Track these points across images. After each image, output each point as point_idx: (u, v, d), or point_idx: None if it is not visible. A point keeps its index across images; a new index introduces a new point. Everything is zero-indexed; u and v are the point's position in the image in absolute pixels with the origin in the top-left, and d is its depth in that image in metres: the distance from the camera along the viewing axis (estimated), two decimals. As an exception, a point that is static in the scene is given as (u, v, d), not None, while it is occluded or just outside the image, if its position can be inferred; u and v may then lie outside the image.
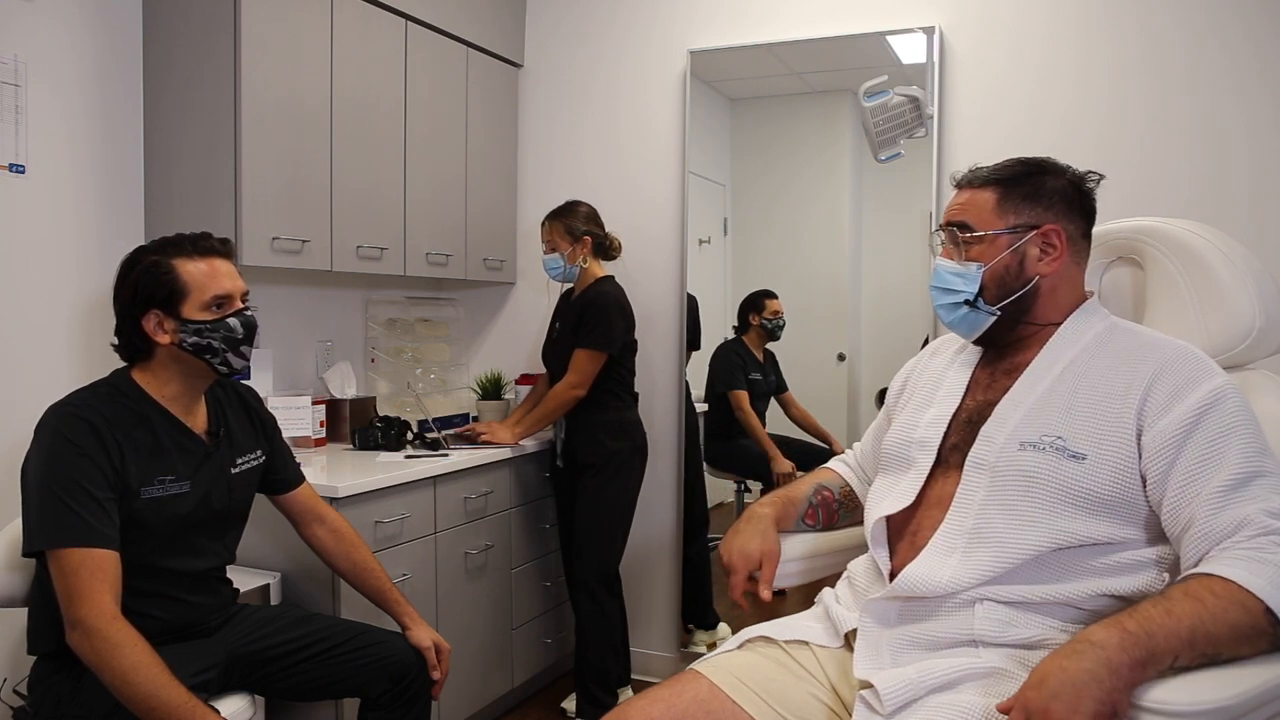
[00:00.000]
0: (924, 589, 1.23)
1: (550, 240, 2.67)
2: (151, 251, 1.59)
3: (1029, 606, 1.21)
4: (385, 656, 1.76)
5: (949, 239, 1.39)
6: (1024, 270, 1.34)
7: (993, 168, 1.39)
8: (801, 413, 3.01)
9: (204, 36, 2.19)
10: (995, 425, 1.30)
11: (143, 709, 1.40)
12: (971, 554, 1.24)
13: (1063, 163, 1.39)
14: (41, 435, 1.49)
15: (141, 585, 1.53)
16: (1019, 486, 1.24)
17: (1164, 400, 1.21)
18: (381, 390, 3.02)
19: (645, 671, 2.98)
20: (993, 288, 1.34)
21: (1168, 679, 1.03)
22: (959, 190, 1.41)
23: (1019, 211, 1.34)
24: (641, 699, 1.31)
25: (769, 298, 2.99)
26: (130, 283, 1.57)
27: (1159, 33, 2.40)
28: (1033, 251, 1.34)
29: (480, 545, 2.56)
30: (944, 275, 1.37)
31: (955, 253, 1.37)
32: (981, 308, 1.35)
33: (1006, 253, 1.33)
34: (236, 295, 1.62)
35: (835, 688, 1.31)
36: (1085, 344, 1.32)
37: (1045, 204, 1.34)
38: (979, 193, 1.37)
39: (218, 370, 1.61)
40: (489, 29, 2.99)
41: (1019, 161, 1.38)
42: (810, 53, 2.80)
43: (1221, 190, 2.34)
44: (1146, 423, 1.21)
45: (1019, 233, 1.33)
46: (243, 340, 1.62)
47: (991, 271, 1.34)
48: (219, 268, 1.61)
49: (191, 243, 1.60)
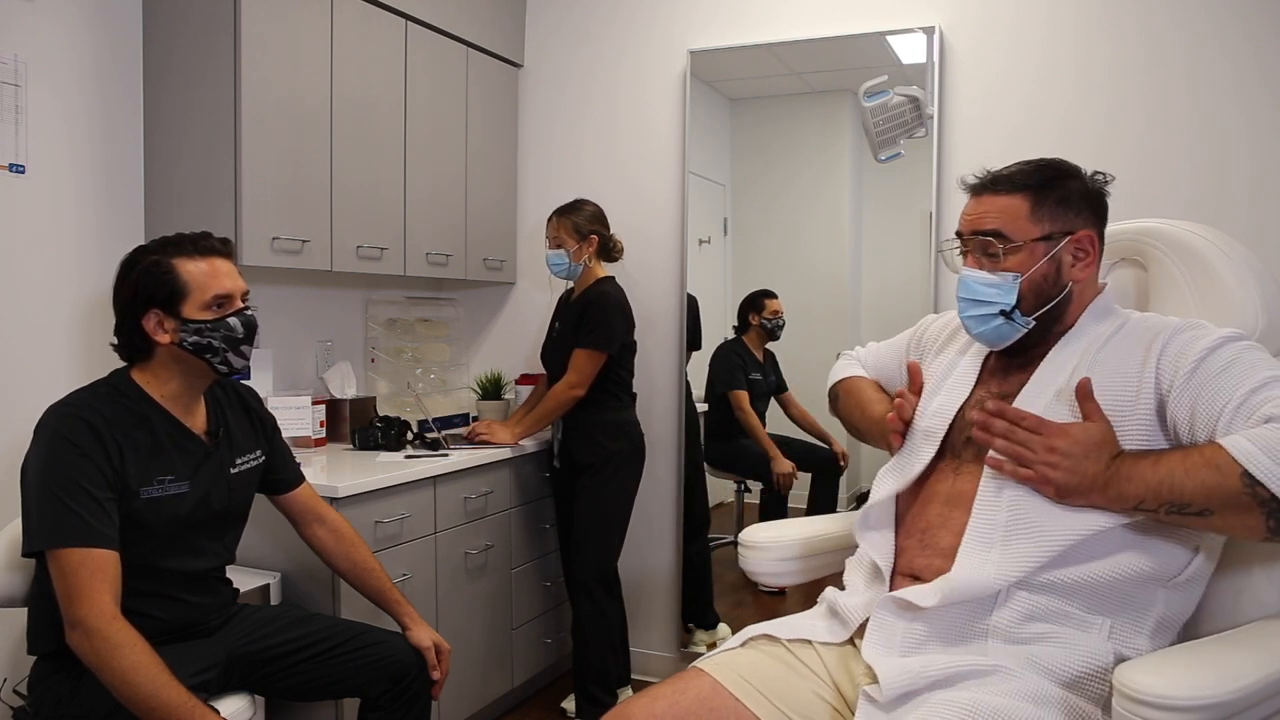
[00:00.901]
0: (974, 591, 1.21)
1: (556, 236, 2.67)
2: (151, 251, 1.59)
3: (1058, 592, 1.20)
4: (385, 657, 1.76)
5: (980, 249, 1.33)
6: (1060, 278, 1.31)
7: (1014, 171, 1.34)
8: (801, 412, 3.01)
9: (204, 36, 2.19)
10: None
11: (142, 709, 1.40)
12: (1010, 547, 1.22)
13: (1071, 163, 1.37)
14: (41, 435, 1.49)
15: (141, 585, 1.53)
16: None
17: (1176, 354, 1.22)
18: (381, 390, 3.02)
19: (645, 671, 2.98)
20: (1030, 297, 1.31)
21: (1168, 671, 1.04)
22: (977, 197, 1.36)
23: (1054, 218, 1.30)
24: (644, 696, 1.31)
25: (769, 298, 2.99)
26: (130, 282, 1.57)
27: (1159, 33, 2.40)
28: (1067, 258, 1.31)
29: (480, 545, 2.56)
30: (975, 287, 1.32)
31: (988, 263, 1.32)
32: (1017, 319, 1.31)
33: (1044, 261, 1.30)
34: (237, 295, 1.62)
35: (838, 686, 1.31)
36: (1097, 334, 1.32)
37: (1075, 209, 1.31)
38: (1009, 199, 1.31)
39: (217, 370, 1.61)
40: (489, 29, 2.99)
41: (1041, 165, 1.34)
42: (810, 53, 2.80)
43: (1222, 190, 2.34)
44: (1164, 386, 1.21)
45: (1055, 240, 1.30)
46: (243, 340, 1.62)
47: (1030, 280, 1.30)
48: (219, 267, 1.61)
49: (192, 242, 1.60)
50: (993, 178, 1.35)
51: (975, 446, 1.32)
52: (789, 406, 3.02)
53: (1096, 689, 1.18)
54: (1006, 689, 1.15)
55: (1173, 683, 1.02)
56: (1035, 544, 1.21)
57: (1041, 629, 1.20)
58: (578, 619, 2.63)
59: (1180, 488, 1.12)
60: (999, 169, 1.36)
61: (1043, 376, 1.31)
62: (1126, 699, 1.03)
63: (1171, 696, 1.00)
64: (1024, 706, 1.13)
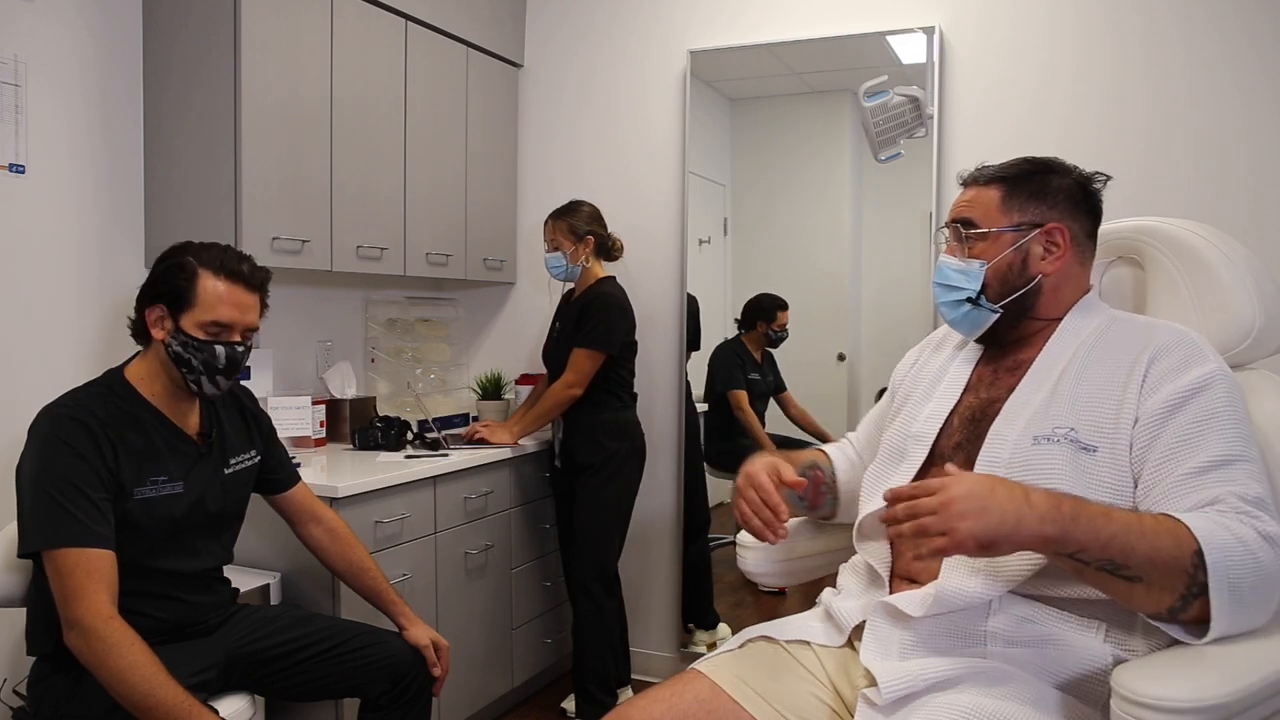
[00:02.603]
0: (961, 601, 1.21)
1: (553, 239, 2.67)
2: (190, 251, 1.59)
3: (1050, 602, 1.20)
4: (385, 657, 1.76)
5: (953, 235, 1.39)
6: (1027, 268, 1.34)
7: (999, 166, 1.39)
8: (800, 412, 3.00)
9: (204, 36, 2.19)
10: (1006, 423, 1.29)
11: (140, 708, 1.40)
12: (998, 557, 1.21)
13: (1070, 163, 1.39)
14: (35, 436, 1.49)
15: (139, 585, 1.53)
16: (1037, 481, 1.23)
17: (1155, 382, 1.20)
18: (381, 390, 3.02)
19: (645, 671, 2.98)
20: (995, 285, 1.34)
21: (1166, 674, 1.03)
22: (965, 188, 1.41)
23: (1024, 209, 1.34)
24: (642, 699, 1.31)
25: (782, 309, 2.97)
26: (159, 269, 1.59)
27: (1159, 32, 2.40)
28: (1036, 250, 1.34)
29: (480, 545, 2.56)
30: (947, 272, 1.37)
31: (959, 249, 1.37)
32: (984, 305, 1.35)
33: (1010, 250, 1.33)
34: (237, 328, 1.60)
35: (837, 688, 1.30)
36: (1086, 337, 1.32)
37: (1050, 202, 1.34)
38: (984, 190, 1.37)
39: (189, 387, 1.60)
40: (489, 29, 2.99)
41: (1026, 160, 1.38)
42: (810, 53, 2.80)
43: (1221, 190, 2.34)
44: (1141, 408, 1.20)
45: (1023, 230, 1.33)
46: (221, 371, 1.59)
47: (994, 269, 1.34)
48: (237, 297, 1.59)
49: (231, 261, 1.59)
50: (977, 170, 1.40)
51: (966, 451, 1.32)
52: (788, 406, 3.02)
53: (1095, 690, 1.17)
54: (1006, 691, 1.15)
55: (1171, 685, 1.01)
56: (1022, 554, 1.20)
57: (1039, 632, 1.20)
58: (578, 619, 2.63)
59: (1130, 549, 1.05)
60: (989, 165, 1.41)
61: (1030, 381, 1.32)
62: (1125, 702, 1.03)
63: (1170, 699, 1.00)
64: (1023, 709, 1.13)
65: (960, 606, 1.21)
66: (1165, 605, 1.08)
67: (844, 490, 1.61)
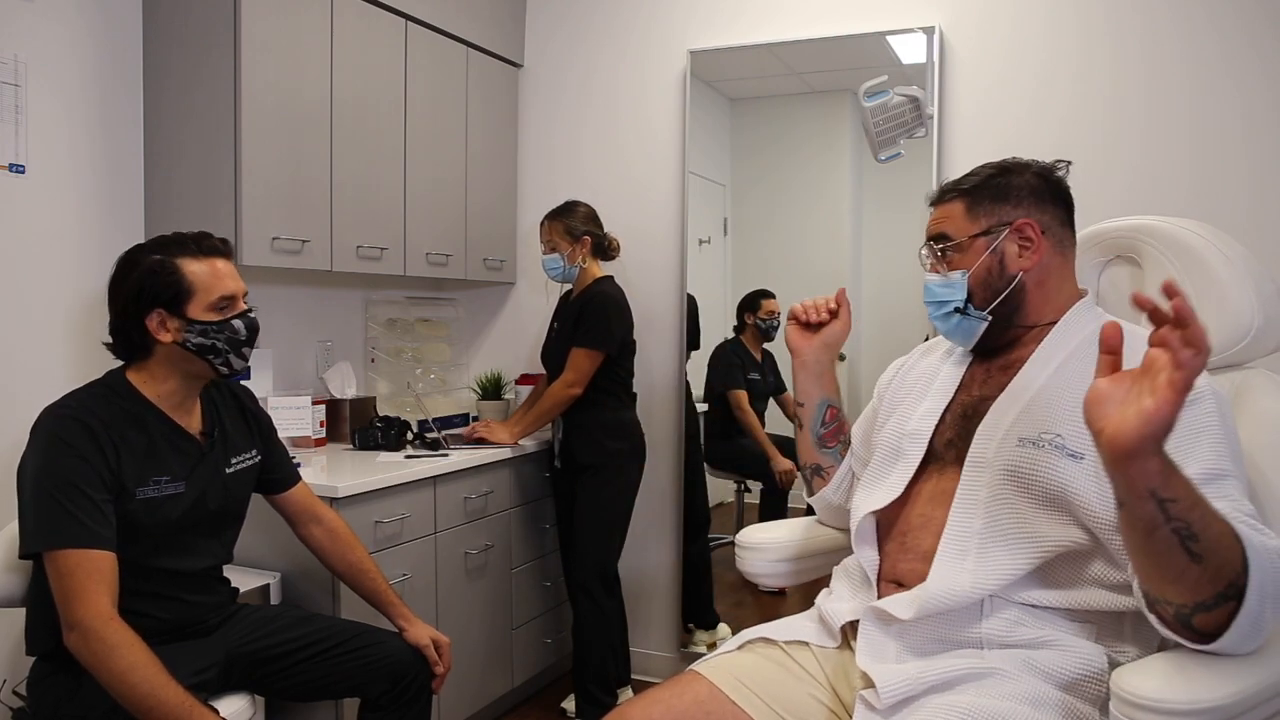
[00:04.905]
0: (950, 601, 1.22)
1: (550, 240, 2.67)
2: (152, 250, 1.59)
3: (1041, 610, 1.21)
4: (385, 657, 1.76)
5: (930, 254, 1.42)
6: (1005, 269, 1.35)
7: (958, 179, 1.42)
8: (801, 412, 3.00)
9: (204, 36, 2.19)
10: (993, 421, 1.30)
11: (140, 709, 1.40)
12: (986, 556, 1.23)
13: (1026, 158, 1.41)
14: (37, 437, 1.49)
15: (139, 585, 1.53)
16: (1019, 483, 1.24)
17: None
18: (381, 390, 3.03)
19: (645, 671, 2.98)
20: (979, 291, 1.36)
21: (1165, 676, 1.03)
22: (933, 207, 1.44)
23: (989, 213, 1.37)
24: (641, 700, 1.31)
25: (765, 298, 2.99)
26: (133, 282, 1.56)
27: (1159, 32, 2.40)
28: (1011, 249, 1.35)
29: (480, 545, 2.56)
30: (933, 289, 1.40)
31: (939, 265, 1.40)
32: (972, 313, 1.37)
33: (986, 255, 1.35)
34: (239, 296, 1.63)
35: (835, 688, 1.31)
36: (1079, 342, 1.32)
37: (1014, 201, 1.36)
38: (950, 205, 1.40)
39: (218, 370, 1.62)
40: (489, 29, 2.99)
41: (983, 166, 1.41)
42: (810, 53, 2.80)
43: (1221, 189, 2.34)
44: None
45: (993, 233, 1.36)
46: (245, 342, 1.63)
47: (975, 275, 1.36)
48: (221, 268, 1.61)
49: (194, 242, 1.60)
50: (940, 189, 1.44)
51: (956, 448, 1.33)
52: (788, 406, 3.02)
53: (1094, 690, 1.17)
54: (1004, 691, 1.15)
55: (1170, 687, 1.01)
56: (1010, 554, 1.21)
57: (1033, 635, 1.20)
58: (578, 619, 2.63)
59: (1208, 523, 0.97)
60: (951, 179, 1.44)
61: (1021, 381, 1.32)
62: (1124, 703, 1.03)
63: (1169, 701, 1.00)
64: (1022, 709, 1.13)
65: (949, 607, 1.22)
66: (1202, 597, 1.00)
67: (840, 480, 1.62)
